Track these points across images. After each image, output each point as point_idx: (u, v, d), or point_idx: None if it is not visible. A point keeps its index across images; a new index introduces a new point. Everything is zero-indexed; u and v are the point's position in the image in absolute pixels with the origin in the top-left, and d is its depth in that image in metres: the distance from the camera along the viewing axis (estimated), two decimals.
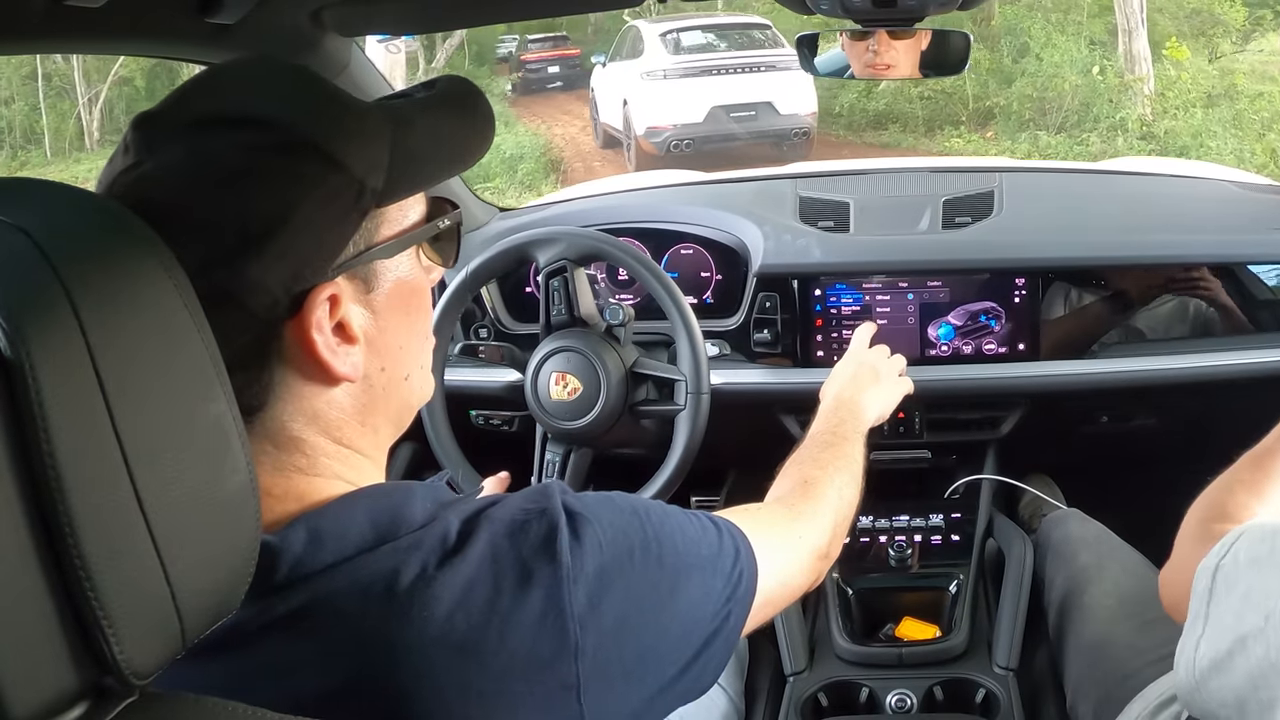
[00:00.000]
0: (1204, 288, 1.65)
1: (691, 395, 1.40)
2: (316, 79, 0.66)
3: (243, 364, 0.61)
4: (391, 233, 0.67)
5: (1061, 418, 1.70)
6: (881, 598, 1.55)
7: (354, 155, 0.62)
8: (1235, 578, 0.72)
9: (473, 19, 1.92)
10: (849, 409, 1.20)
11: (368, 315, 0.66)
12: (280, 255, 0.59)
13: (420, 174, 0.67)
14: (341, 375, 0.64)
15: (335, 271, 0.63)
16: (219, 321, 0.56)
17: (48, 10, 0.88)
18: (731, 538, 0.77)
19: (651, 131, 8.14)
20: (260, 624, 0.58)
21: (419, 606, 0.59)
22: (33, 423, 0.42)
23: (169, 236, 0.54)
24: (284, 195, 0.59)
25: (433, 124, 0.67)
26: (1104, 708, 1.20)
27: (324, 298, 0.62)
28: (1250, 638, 0.69)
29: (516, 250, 1.47)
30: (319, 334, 0.62)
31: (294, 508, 0.63)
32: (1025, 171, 2.00)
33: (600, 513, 0.67)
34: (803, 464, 1.05)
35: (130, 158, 0.61)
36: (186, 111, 0.62)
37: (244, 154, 0.60)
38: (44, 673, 0.43)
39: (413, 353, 0.71)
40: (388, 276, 0.67)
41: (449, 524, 0.63)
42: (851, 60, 1.45)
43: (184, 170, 0.59)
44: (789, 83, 8.04)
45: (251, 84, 0.64)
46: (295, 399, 0.64)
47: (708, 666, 0.72)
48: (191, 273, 0.55)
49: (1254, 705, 0.69)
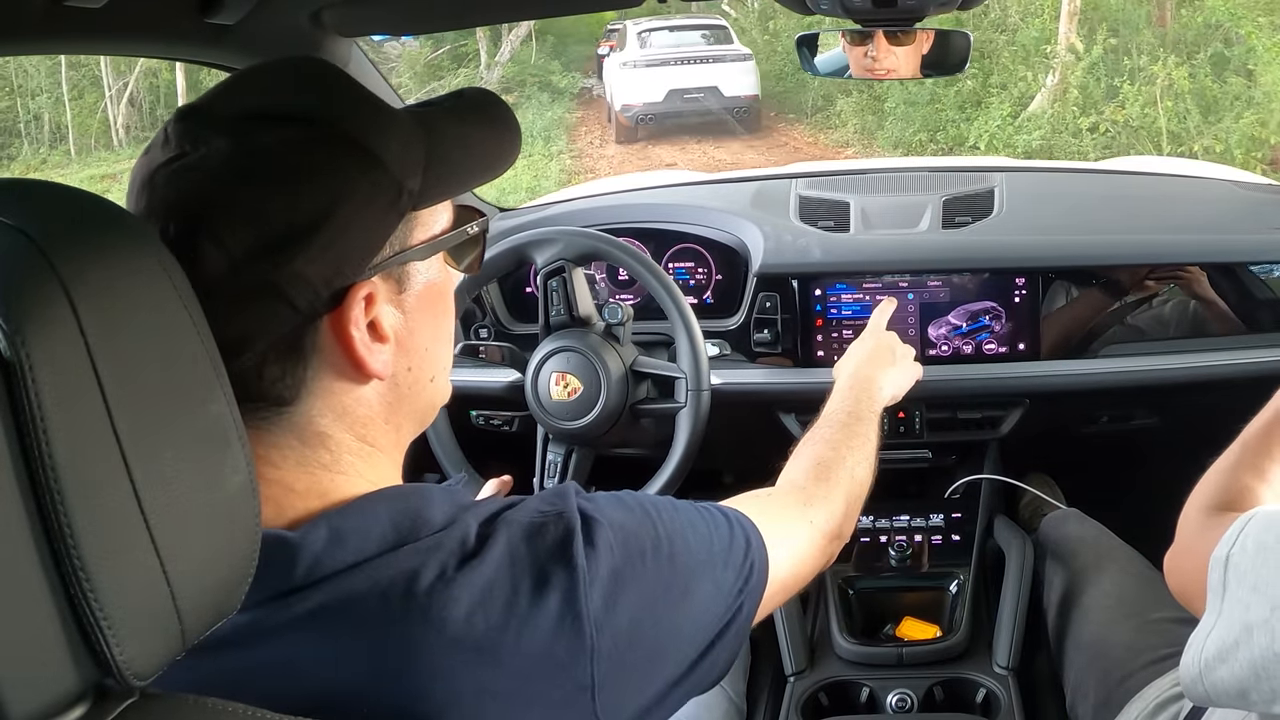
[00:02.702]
0: (1184, 277, 1.65)
1: (692, 393, 1.40)
2: (354, 81, 0.67)
3: (279, 357, 0.62)
4: (425, 236, 0.68)
5: (1062, 417, 1.70)
6: (882, 598, 1.55)
7: (394, 156, 0.63)
8: (1245, 568, 0.72)
9: (473, 19, 1.92)
10: (865, 387, 1.20)
11: (399, 316, 0.67)
12: (324, 250, 0.60)
13: (453, 179, 0.68)
14: (374, 372, 0.65)
15: (372, 270, 0.64)
16: (261, 313, 0.59)
17: (48, 10, 0.88)
18: (742, 529, 0.78)
19: (625, 108, 10.56)
20: (279, 621, 0.58)
21: (438, 608, 0.59)
22: (32, 423, 0.42)
23: (213, 227, 0.57)
24: (329, 191, 0.61)
25: (462, 132, 0.69)
26: (1103, 707, 1.20)
27: (362, 295, 0.63)
28: (1256, 627, 0.68)
29: (514, 251, 1.47)
30: (356, 330, 0.63)
31: (316, 505, 0.63)
32: (1025, 171, 2.00)
33: (612, 514, 0.68)
34: (816, 444, 1.05)
35: (172, 149, 0.61)
36: (234, 105, 0.63)
37: (292, 149, 0.61)
38: (44, 674, 0.43)
39: (437, 355, 0.72)
40: (419, 279, 0.68)
41: (468, 526, 0.64)
42: (851, 62, 1.45)
43: (231, 163, 0.60)
44: (733, 71, 10.50)
45: (296, 81, 0.66)
46: (326, 395, 0.65)
47: (720, 658, 0.73)
48: (236, 263, 0.58)
49: (1256, 695, 0.69)
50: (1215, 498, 0.88)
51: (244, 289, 0.58)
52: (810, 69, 1.55)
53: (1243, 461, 0.89)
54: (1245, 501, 0.86)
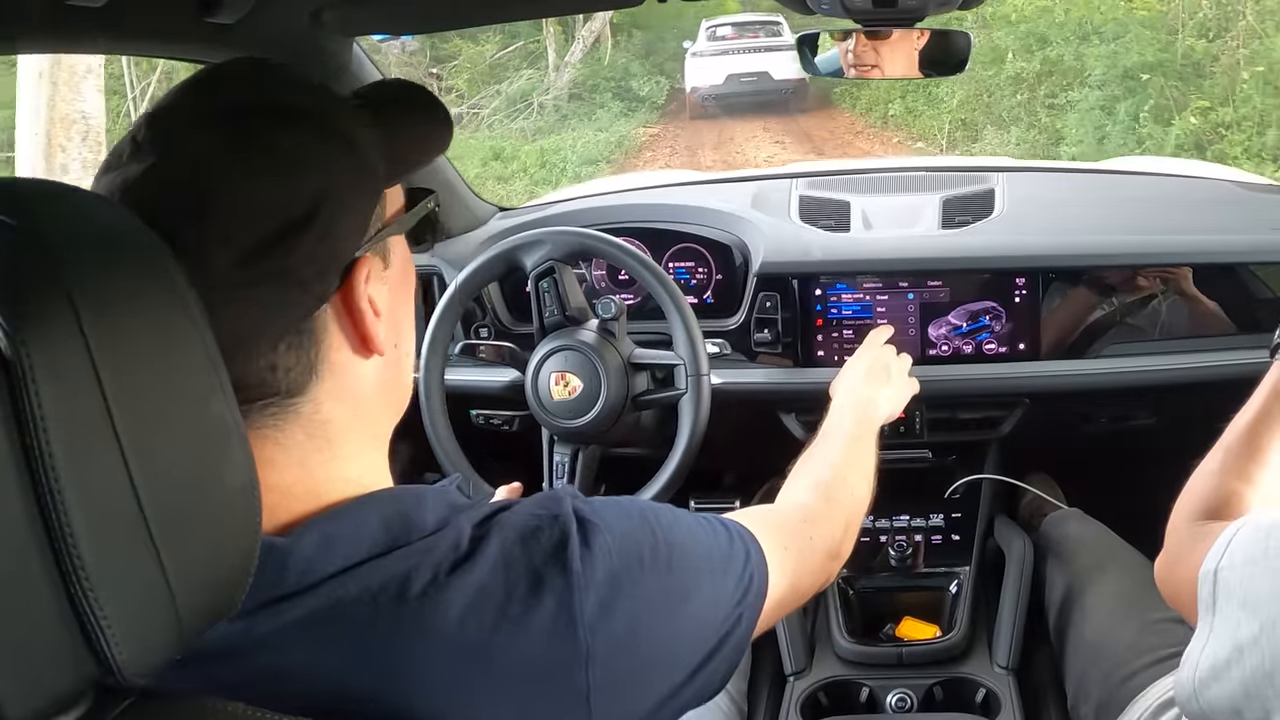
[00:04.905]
0: (1169, 275, 1.64)
1: (691, 378, 1.40)
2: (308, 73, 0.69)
3: (290, 343, 0.63)
4: (392, 211, 0.70)
5: (1062, 418, 1.70)
6: (882, 597, 1.55)
7: (363, 139, 0.65)
8: (1234, 583, 0.71)
9: (473, 19, 1.92)
10: (862, 406, 1.20)
11: (386, 290, 0.68)
12: (326, 231, 0.62)
13: (407, 161, 0.71)
14: (377, 346, 0.67)
15: (365, 246, 0.66)
16: (277, 300, 0.60)
17: (48, 10, 0.88)
18: (742, 541, 0.77)
19: (694, 90, 12.95)
20: (270, 627, 0.58)
21: (430, 611, 0.59)
22: (32, 423, 0.42)
23: (219, 224, 0.58)
24: (322, 175, 0.62)
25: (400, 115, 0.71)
26: (1105, 708, 1.20)
27: (365, 271, 0.65)
28: (1247, 647, 0.68)
29: (501, 257, 1.47)
30: (363, 303, 0.65)
31: (309, 507, 0.63)
32: (1025, 171, 2.00)
33: (610, 519, 0.67)
34: (814, 463, 1.05)
35: (154, 154, 0.60)
36: (211, 104, 0.63)
37: (281, 139, 0.62)
38: (43, 673, 0.43)
39: (410, 331, 0.75)
40: (397, 253, 0.70)
41: (461, 529, 0.63)
42: (841, 60, 1.45)
43: (229, 159, 0.60)
44: (783, 59, 12.37)
45: (267, 77, 0.67)
46: (335, 375, 0.66)
47: (718, 671, 0.72)
48: (247, 256, 0.58)
49: (1249, 715, 0.69)
50: (1202, 504, 0.87)
51: (255, 281, 0.58)
52: (811, 69, 1.55)
53: (1226, 466, 0.89)
54: (1232, 507, 0.85)
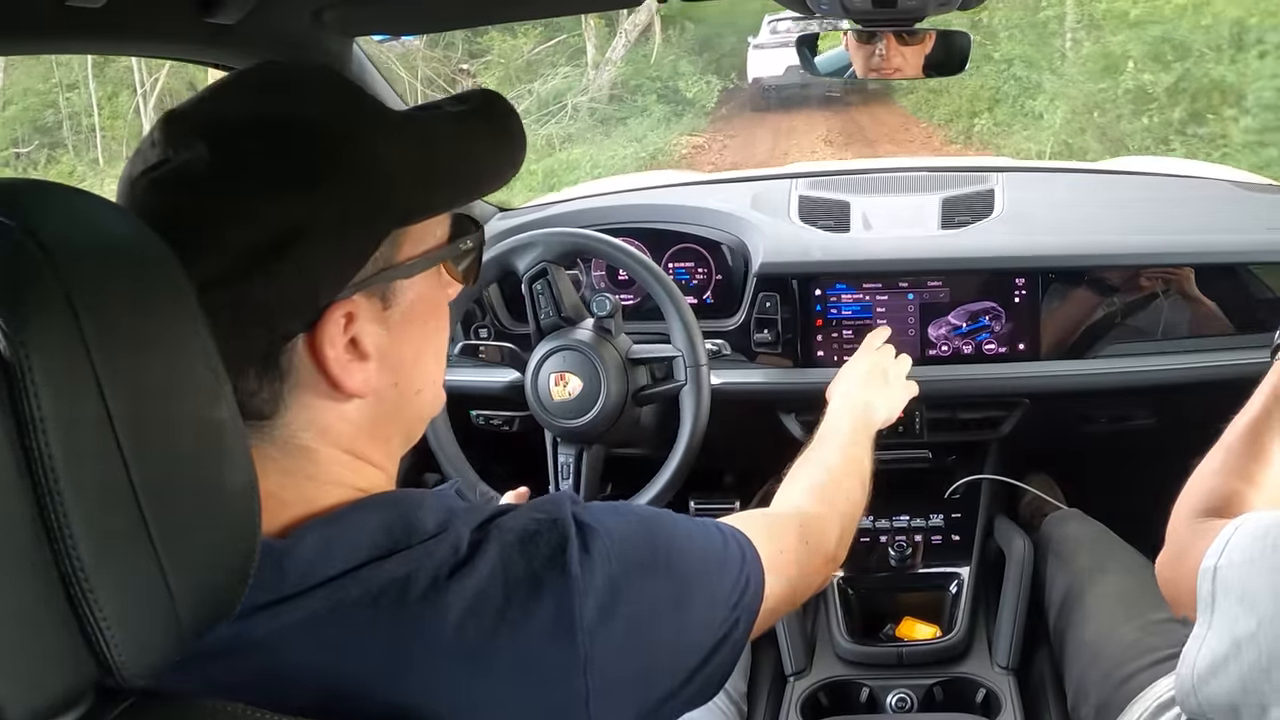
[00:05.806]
0: (1172, 276, 1.64)
1: (690, 369, 1.40)
2: (349, 85, 0.65)
3: (257, 371, 0.60)
4: (415, 251, 0.66)
5: (1062, 418, 1.70)
6: (882, 598, 1.55)
7: (382, 170, 0.61)
8: (1232, 580, 0.72)
9: (473, 19, 1.92)
10: (858, 410, 1.20)
11: (383, 333, 0.65)
12: (299, 267, 0.59)
13: (448, 194, 0.66)
14: (352, 391, 0.63)
15: (354, 289, 0.62)
16: (238, 327, 0.57)
17: (49, 10, 0.88)
18: (738, 544, 0.77)
19: (755, 81, 13.57)
20: (270, 629, 0.58)
21: (430, 615, 0.59)
22: (31, 423, 0.42)
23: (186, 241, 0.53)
24: (308, 206, 0.59)
25: (465, 143, 0.66)
26: (1105, 708, 1.20)
27: (340, 315, 0.61)
28: (1244, 642, 0.68)
29: (494, 262, 1.47)
30: (331, 349, 0.62)
31: (302, 512, 0.62)
32: (1025, 171, 2.00)
33: (608, 523, 0.67)
34: (810, 467, 1.05)
35: (158, 154, 0.60)
36: (218, 111, 0.62)
37: (271, 160, 0.59)
38: (43, 674, 0.43)
39: (426, 369, 0.70)
40: (407, 295, 0.66)
41: (460, 533, 0.63)
42: (855, 61, 1.45)
43: (212, 172, 0.58)
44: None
45: (287, 88, 0.63)
46: (305, 410, 0.63)
47: (715, 673, 0.72)
48: (213, 276, 0.55)
49: (1247, 711, 0.69)
50: (1203, 503, 0.87)
51: (215, 307, 0.52)
52: (811, 69, 1.55)
53: (1227, 466, 0.89)
54: (1233, 506, 0.86)
